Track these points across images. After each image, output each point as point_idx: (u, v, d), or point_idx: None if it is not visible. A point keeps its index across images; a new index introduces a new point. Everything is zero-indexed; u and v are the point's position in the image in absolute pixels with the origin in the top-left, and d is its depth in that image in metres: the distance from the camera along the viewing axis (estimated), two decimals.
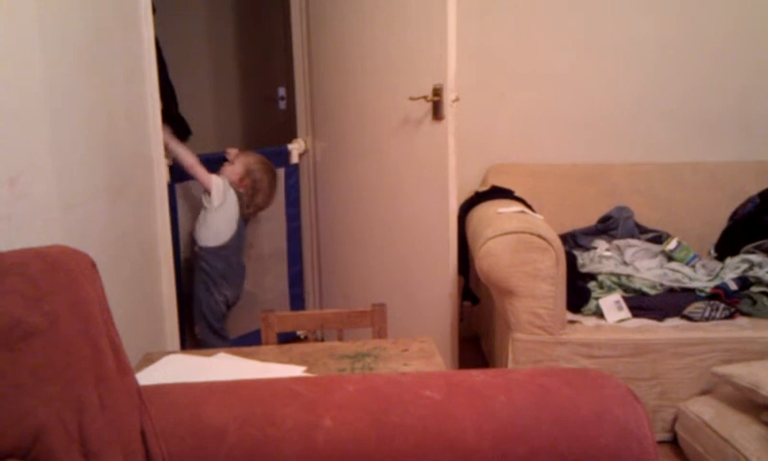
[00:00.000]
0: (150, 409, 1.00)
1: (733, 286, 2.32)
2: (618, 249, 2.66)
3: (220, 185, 2.67)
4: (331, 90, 2.92)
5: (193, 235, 2.76)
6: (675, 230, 2.78)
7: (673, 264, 2.53)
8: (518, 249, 2.09)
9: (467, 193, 2.79)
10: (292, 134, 3.26)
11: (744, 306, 2.29)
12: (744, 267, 2.44)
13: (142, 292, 2.11)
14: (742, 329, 2.18)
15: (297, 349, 1.59)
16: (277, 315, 1.77)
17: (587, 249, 2.74)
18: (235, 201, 2.72)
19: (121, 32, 1.97)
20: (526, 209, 2.41)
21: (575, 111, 3.04)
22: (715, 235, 2.81)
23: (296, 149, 3.12)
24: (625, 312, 2.28)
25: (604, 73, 3.01)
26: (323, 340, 2.93)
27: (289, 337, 2.87)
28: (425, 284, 2.48)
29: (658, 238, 2.74)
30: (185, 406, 1.06)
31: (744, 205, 2.80)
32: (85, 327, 0.93)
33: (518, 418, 1.02)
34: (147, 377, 1.40)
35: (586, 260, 2.60)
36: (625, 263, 2.57)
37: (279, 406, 1.05)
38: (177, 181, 2.67)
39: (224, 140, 3.66)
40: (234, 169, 2.77)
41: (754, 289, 2.34)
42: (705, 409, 2.03)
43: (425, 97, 2.29)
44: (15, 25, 1.38)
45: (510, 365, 2.20)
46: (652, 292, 2.40)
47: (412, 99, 2.32)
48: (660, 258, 2.60)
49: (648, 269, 2.51)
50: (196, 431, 1.02)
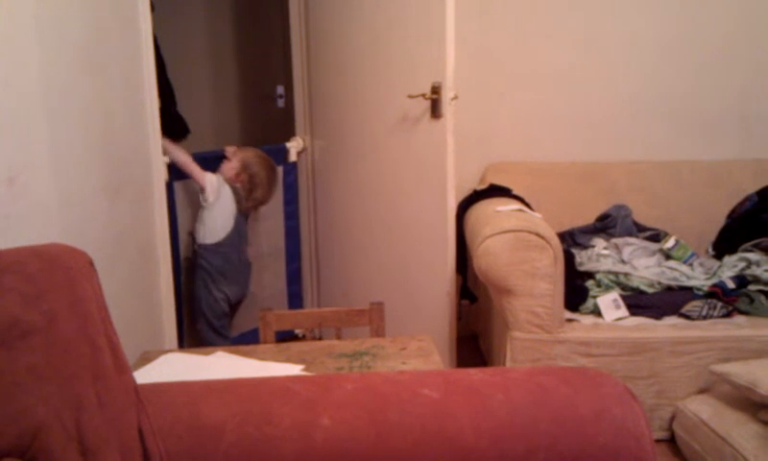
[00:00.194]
0: (147, 407, 1.00)
1: (731, 285, 2.32)
2: (616, 247, 2.66)
3: (213, 182, 2.66)
4: (330, 88, 2.91)
5: (193, 234, 2.76)
6: (673, 229, 2.78)
7: (671, 262, 2.53)
8: (517, 247, 2.09)
9: (465, 191, 2.79)
10: (290, 133, 3.26)
11: (742, 305, 2.29)
12: (742, 265, 2.44)
13: (140, 290, 2.10)
14: (740, 328, 2.18)
15: (295, 347, 1.59)
16: (276, 313, 1.78)
17: (585, 247, 2.74)
18: (231, 197, 2.71)
19: (119, 30, 1.97)
20: (524, 208, 2.41)
21: (574, 110, 3.04)
22: (713, 234, 2.81)
23: (294, 147, 3.11)
24: (623, 311, 2.28)
25: (603, 71, 3.01)
26: (321, 339, 2.93)
27: (287, 336, 2.86)
28: (423, 283, 2.48)
29: (656, 236, 2.74)
30: (183, 405, 1.06)
31: (742, 203, 2.80)
32: (83, 325, 0.93)
33: (516, 416, 1.02)
34: (145, 376, 1.40)
35: (584, 259, 2.61)
36: (623, 261, 2.57)
37: (277, 405, 1.05)
38: (176, 179, 2.67)
39: (222, 138, 3.65)
40: (231, 165, 2.76)
41: (751, 287, 2.34)
42: (702, 408, 2.04)
43: (424, 95, 2.29)
44: (13, 23, 1.38)
45: (508, 363, 2.20)
46: (650, 290, 2.40)
47: (410, 97, 2.32)
48: (658, 257, 2.60)
49: (646, 267, 2.51)
50: (193, 430, 1.02)
